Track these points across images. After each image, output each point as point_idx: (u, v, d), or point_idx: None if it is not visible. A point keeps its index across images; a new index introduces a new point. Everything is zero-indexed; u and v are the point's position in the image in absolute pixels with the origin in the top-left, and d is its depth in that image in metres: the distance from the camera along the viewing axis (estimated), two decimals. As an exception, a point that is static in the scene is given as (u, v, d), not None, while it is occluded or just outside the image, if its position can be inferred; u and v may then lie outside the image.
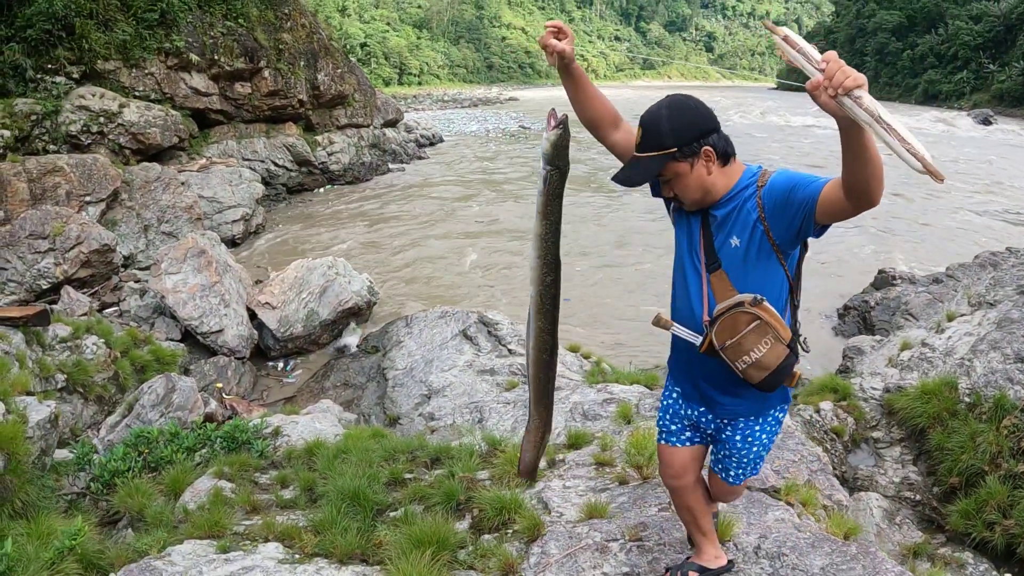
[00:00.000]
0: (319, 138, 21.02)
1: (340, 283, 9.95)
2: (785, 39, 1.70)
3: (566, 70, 2.23)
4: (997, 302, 4.44)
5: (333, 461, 4.24)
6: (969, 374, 3.97)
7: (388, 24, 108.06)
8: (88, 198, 11.63)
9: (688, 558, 2.66)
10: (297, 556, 3.04)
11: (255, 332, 8.90)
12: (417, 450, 4.55)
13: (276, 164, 19.22)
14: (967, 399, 3.84)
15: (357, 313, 10.08)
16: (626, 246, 14.21)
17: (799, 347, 2.24)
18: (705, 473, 2.60)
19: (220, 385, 7.45)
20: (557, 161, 2.15)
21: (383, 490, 3.78)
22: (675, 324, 2.26)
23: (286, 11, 20.25)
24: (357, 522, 3.30)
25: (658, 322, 2.30)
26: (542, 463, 3.96)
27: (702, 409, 2.37)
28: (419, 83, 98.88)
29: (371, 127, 24.11)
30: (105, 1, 14.98)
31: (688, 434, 2.45)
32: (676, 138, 2.07)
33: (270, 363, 8.83)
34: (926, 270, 8.66)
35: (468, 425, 5.53)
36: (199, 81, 16.91)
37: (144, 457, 4.18)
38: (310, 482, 4.02)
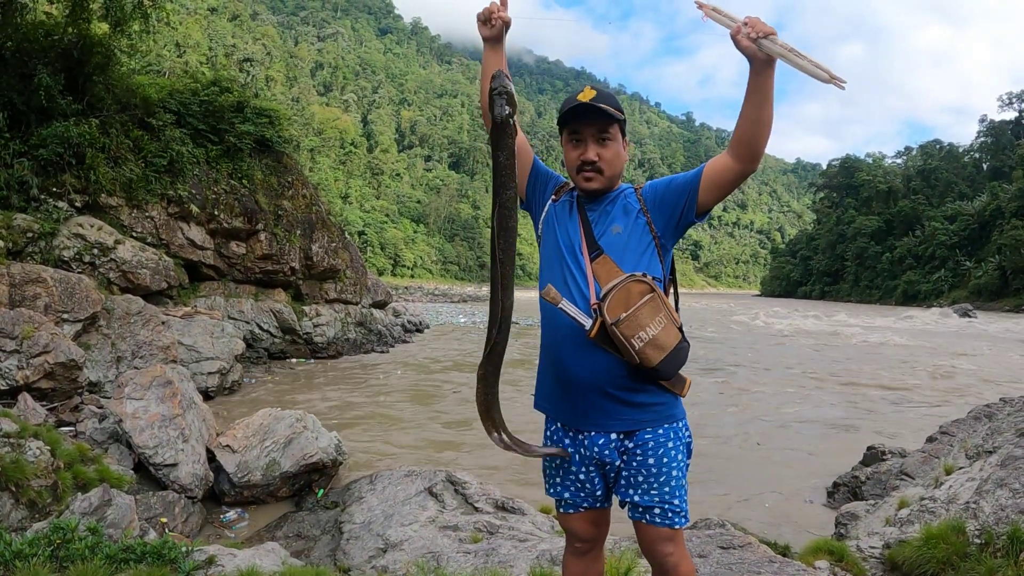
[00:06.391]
0: (307, 308, 21.10)
1: (307, 436, 9.50)
2: (713, 9, 2.03)
3: (499, 41, 2.29)
4: (997, 448, 4.19)
5: (267, 584, 3.74)
6: (976, 516, 3.63)
7: (387, 216, 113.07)
8: (66, 316, 11.40)
9: None
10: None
11: (211, 474, 8.36)
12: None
13: (261, 327, 19.13)
14: (977, 540, 3.48)
15: (322, 470, 9.53)
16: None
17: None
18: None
19: (164, 520, 6.84)
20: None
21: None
22: (564, 299, 2.10)
23: (289, 179, 21.15)
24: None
25: (547, 294, 2.11)
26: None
27: (601, 441, 2.12)
28: (412, 275, 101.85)
29: (359, 305, 24.30)
30: (118, 139, 15.58)
31: (584, 497, 2.21)
32: (620, 111, 2.22)
33: (224, 507, 8.21)
34: (915, 444, 8.37)
35: (422, 562, 5.03)
36: (196, 233, 17.27)
37: (55, 549, 3.67)
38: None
